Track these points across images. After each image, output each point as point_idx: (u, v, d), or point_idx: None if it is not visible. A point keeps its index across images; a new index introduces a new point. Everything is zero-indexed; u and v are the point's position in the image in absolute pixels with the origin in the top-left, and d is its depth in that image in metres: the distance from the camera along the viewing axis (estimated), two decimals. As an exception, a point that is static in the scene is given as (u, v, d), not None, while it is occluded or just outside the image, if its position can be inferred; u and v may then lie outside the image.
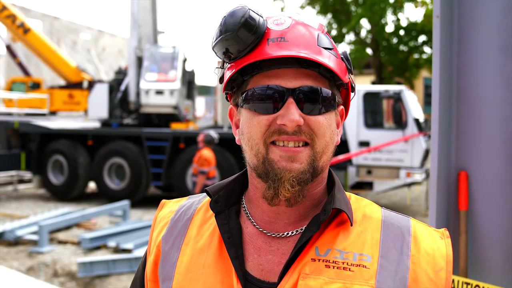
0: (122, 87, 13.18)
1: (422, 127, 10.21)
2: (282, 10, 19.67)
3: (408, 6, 21.80)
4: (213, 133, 8.59)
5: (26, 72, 18.78)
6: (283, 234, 0.94)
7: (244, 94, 0.94)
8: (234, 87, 0.97)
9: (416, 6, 18.80)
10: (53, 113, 16.28)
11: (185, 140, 11.35)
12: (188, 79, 13.62)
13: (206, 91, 25.39)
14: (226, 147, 10.64)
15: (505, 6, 2.03)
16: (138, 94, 12.74)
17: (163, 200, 1.13)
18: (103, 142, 12.21)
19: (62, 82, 17.14)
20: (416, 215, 10.26)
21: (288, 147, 0.89)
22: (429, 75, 21.50)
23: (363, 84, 13.33)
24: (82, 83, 15.88)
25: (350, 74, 0.98)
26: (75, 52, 30.13)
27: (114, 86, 13.28)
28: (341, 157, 9.42)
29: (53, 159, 12.35)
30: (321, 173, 0.93)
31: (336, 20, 20.04)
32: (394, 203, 11.97)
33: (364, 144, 10.26)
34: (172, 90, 12.41)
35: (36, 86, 18.09)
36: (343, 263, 0.88)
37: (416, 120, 10.08)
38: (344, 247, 0.90)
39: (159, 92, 12.47)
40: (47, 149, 12.46)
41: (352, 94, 1.02)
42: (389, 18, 19.57)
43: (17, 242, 8.10)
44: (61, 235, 8.47)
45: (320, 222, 0.90)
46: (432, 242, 0.93)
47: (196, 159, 8.26)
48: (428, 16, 17.52)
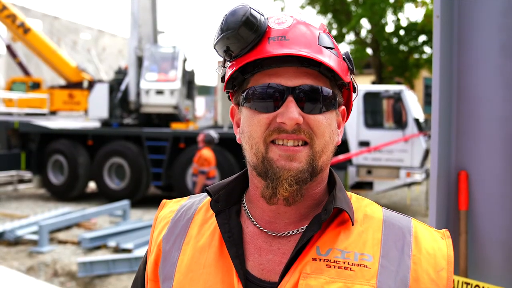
0: (122, 87, 13.17)
1: (422, 127, 10.21)
2: (282, 10, 19.66)
3: (408, 6, 21.78)
4: (213, 133, 8.59)
5: (26, 72, 18.77)
6: (284, 234, 0.94)
7: (245, 92, 0.94)
8: (235, 86, 0.97)
9: (416, 6, 18.79)
10: (53, 113, 16.28)
11: (185, 140, 11.35)
12: (188, 79, 13.62)
13: (206, 91, 25.41)
14: (226, 147, 10.65)
15: (505, 6, 2.03)
16: (138, 94, 12.75)
17: (164, 200, 1.13)
18: (103, 142, 12.21)
19: (62, 82, 17.14)
20: (416, 215, 10.26)
21: (287, 146, 0.89)
22: (429, 75, 21.50)
23: (363, 84, 13.31)
24: (82, 83, 15.88)
25: (352, 75, 0.98)
26: (75, 52, 30.12)
27: (114, 86, 13.28)
28: (341, 157, 9.42)
29: (53, 159, 12.34)
30: (320, 172, 0.93)
31: (336, 20, 20.03)
32: (394, 203, 11.97)
33: (364, 144, 10.26)
34: (172, 90, 12.42)
35: (36, 86, 18.08)
36: (344, 262, 0.88)
37: (416, 120, 10.08)
38: (345, 246, 0.90)
39: (159, 92, 12.47)
40: (47, 149, 12.45)
41: (354, 95, 1.02)
42: (389, 18, 19.58)
43: (17, 242, 8.10)
44: (61, 235, 8.47)
45: (321, 221, 0.90)
46: (433, 242, 0.93)
47: (196, 159, 8.26)
48: (428, 16, 17.51)
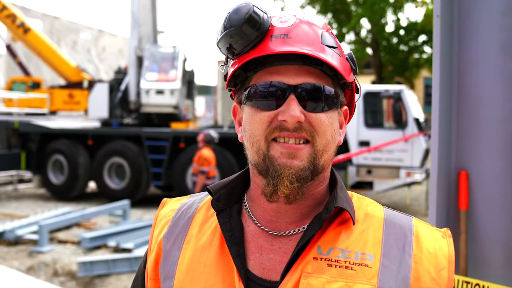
0: (122, 87, 13.17)
1: (422, 127, 10.21)
2: (282, 9, 19.66)
3: (408, 6, 21.79)
4: (213, 133, 8.59)
5: (26, 71, 18.76)
6: (285, 233, 0.94)
7: (247, 90, 0.94)
8: (237, 84, 0.97)
9: (416, 6, 18.78)
10: (53, 112, 16.27)
11: (185, 140, 11.34)
12: (188, 79, 13.61)
13: (206, 91, 25.43)
14: (226, 146, 10.65)
15: (505, 6, 2.03)
16: (138, 93, 12.74)
17: (164, 199, 1.12)
18: (103, 141, 12.20)
19: (62, 81, 17.13)
20: (416, 214, 10.25)
21: (289, 143, 0.89)
22: (429, 74, 21.49)
23: (363, 84, 13.31)
24: (82, 83, 15.87)
25: (355, 75, 0.98)
26: (75, 52, 30.11)
27: (114, 86, 13.27)
28: (341, 156, 9.42)
29: (53, 158, 12.34)
30: (322, 171, 0.93)
31: (336, 20, 20.02)
32: (394, 203, 11.97)
33: (364, 143, 10.26)
34: (173, 90, 12.41)
35: (36, 85, 18.07)
36: (345, 262, 0.88)
37: (416, 120, 10.08)
38: (346, 246, 0.90)
39: (160, 92, 12.46)
40: (47, 149, 12.44)
41: (357, 96, 1.02)
42: (389, 17, 19.56)
43: (17, 241, 8.09)
44: (61, 235, 8.47)
45: (322, 220, 0.90)
46: (434, 242, 0.93)
47: (196, 158, 8.26)
48: (428, 16, 17.50)
